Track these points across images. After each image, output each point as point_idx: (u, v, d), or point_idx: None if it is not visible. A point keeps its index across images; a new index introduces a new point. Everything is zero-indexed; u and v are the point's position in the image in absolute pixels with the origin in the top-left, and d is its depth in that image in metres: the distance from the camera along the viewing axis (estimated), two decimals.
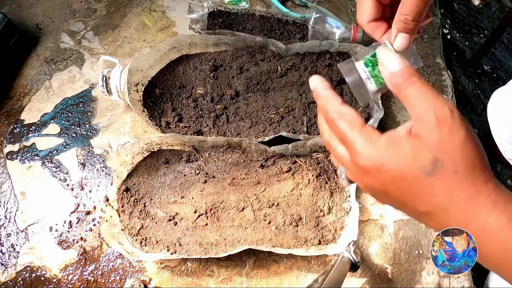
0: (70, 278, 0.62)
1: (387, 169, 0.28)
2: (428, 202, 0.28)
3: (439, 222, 0.29)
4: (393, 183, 0.29)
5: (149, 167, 0.67)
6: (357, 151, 0.29)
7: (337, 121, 0.31)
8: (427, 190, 0.28)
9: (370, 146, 0.29)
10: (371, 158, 0.29)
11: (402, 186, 0.28)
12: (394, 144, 0.28)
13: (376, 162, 0.29)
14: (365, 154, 0.29)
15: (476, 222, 0.27)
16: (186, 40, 0.73)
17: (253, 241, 0.62)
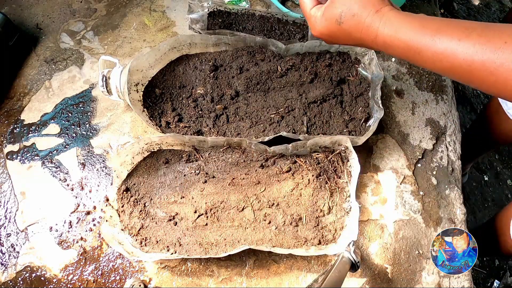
0: (70, 278, 0.62)
1: (322, 28, 0.50)
2: (349, 40, 0.49)
3: (363, 43, 0.48)
4: (330, 34, 0.50)
5: (149, 167, 0.67)
6: (308, 23, 0.53)
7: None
8: (344, 33, 0.48)
9: (312, 21, 0.52)
10: (313, 28, 0.52)
11: (334, 34, 0.50)
12: (324, 13, 0.49)
13: (317, 29, 0.51)
14: (311, 27, 0.53)
15: (378, 37, 0.45)
16: (186, 40, 0.73)
17: (253, 241, 0.62)
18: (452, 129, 0.76)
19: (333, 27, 0.48)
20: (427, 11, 0.91)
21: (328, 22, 0.48)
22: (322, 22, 0.49)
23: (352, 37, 0.48)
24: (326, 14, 0.48)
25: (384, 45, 0.45)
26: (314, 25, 0.51)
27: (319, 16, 0.50)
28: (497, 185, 1.49)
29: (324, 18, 0.49)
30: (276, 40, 0.74)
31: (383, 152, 0.73)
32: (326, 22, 0.49)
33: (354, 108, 0.72)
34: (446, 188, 0.70)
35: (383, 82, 0.77)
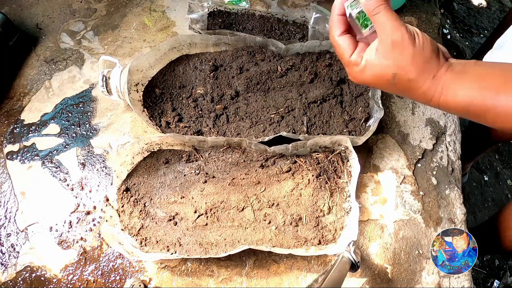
0: (70, 278, 0.62)
1: (366, 80, 0.44)
2: (399, 93, 0.46)
3: (416, 100, 0.45)
4: (376, 86, 0.44)
5: (149, 167, 0.67)
6: (347, 70, 0.45)
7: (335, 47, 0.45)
8: (394, 90, 0.43)
9: (354, 69, 0.44)
10: (355, 77, 0.45)
11: (380, 87, 0.44)
12: (369, 66, 0.42)
13: (359, 79, 0.44)
14: (350, 74, 0.45)
15: (434, 101, 0.41)
16: (186, 40, 0.73)
17: (253, 241, 0.62)
18: (452, 129, 0.76)
19: (383, 84, 0.43)
20: (427, 11, 0.91)
21: (376, 78, 0.42)
22: (367, 75, 0.43)
23: (404, 95, 0.44)
24: (375, 69, 0.42)
25: (440, 107, 0.42)
26: (356, 74, 0.44)
27: (363, 67, 0.43)
28: (497, 185, 1.49)
29: (371, 72, 0.42)
30: (276, 40, 0.74)
31: (383, 152, 0.73)
32: (372, 78, 0.43)
33: (354, 108, 0.72)
34: (446, 188, 0.70)
35: None
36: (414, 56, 0.39)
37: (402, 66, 0.40)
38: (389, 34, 0.39)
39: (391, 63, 0.40)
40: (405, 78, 0.40)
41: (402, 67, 0.40)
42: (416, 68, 0.40)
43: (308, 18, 0.80)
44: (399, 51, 0.39)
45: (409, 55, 0.39)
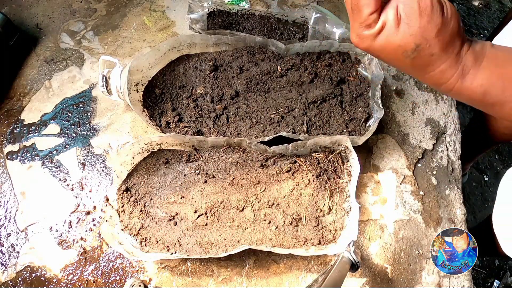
0: (70, 278, 0.62)
1: (376, 49, 0.36)
2: (409, 71, 0.37)
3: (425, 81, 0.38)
4: (385, 57, 0.37)
5: (149, 167, 0.67)
6: (354, 32, 0.36)
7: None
8: (409, 66, 0.36)
9: (363, 32, 0.36)
10: (361, 41, 0.36)
11: (391, 61, 0.37)
12: (387, 31, 0.35)
13: (366, 45, 0.36)
14: (358, 37, 0.36)
15: (449, 85, 0.36)
16: (186, 40, 0.73)
17: (253, 241, 0.62)
18: (452, 129, 0.76)
19: (396, 55, 0.36)
20: None
21: (391, 46, 0.35)
22: (380, 42, 0.35)
23: (416, 72, 0.38)
24: (392, 37, 0.35)
25: (453, 92, 0.38)
26: (365, 38, 0.36)
27: (377, 30, 0.35)
28: (497, 185, 1.48)
29: (385, 38, 0.35)
30: (276, 40, 0.74)
31: (383, 152, 0.73)
32: (386, 45, 0.35)
33: (354, 108, 0.72)
34: (446, 188, 0.70)
35: (383, 82, 0.77)
36: (442, 28, 0.34)
37: (427, 37, 0.34)
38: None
39: (415, 30, 0.34)
40: (427, 52, 0.35)
41: (427, 38, 0.34)
42: (442, 42, 0.34)
43: (308, 18, 0.80)
44: (427, 19, 0.33)
45: (437, 25, 0.34)
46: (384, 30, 0.35)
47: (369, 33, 0.35)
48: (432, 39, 0.34)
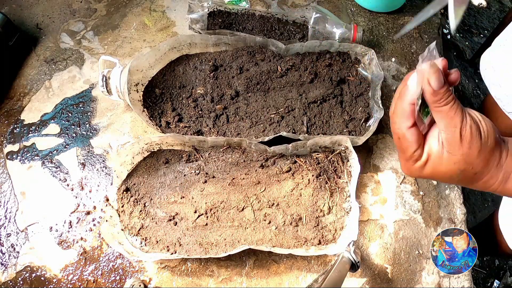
0: (70, 278, 0.62)
1: (427, 176, 0.39)
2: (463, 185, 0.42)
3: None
4: (437, 180, 0.42)
5: (149, 167, 0.67)
6: (404, 164, 0.40)
7: (396, 140, 0.40)
8: (456, 183, 0.42)
9: (413, 166, 0.39)
10: (412, 172, 0.40)
11: (442, 181, 0.42)
12: (432, 161, 0.38)
13: (416, 174, 0.40)
14: (407, 169, 0.40)
15: (495, 187, 0.38)
16: (186, 40, 0.73)
17: (253, 241, 0.62)
18: None
19: (445, 178, 0.39)
20: None
21: (439, 173, 0.38)
22: (428, 170, 0.39)
23: (463, 184, 0.40)
24: (438, 165, 0.38)
25: (498, 192, 0.40)
26: (415, 169, 0.39)
27: (424, 161, 0.39)
28: None
29: (433, 167, 0.38)
30: (276, 40, 0.74)
31: (383, 152, 0.73)
32: (434, 173, 0.39)
33: (354, 108, 0.72)
34: (446, 188, 0.70)
35: (383, 82, 0.77)
36: (481, 149, 0.36)
37: (470, 161, 0.36)
38: (457, 127, 0.35)
39: (458, 158, 0.36)
40: (471, 172, 0.37)
41: (470, 162, 0.36)
42: (483, 161, 0.37)
43: (308, 18, 0.80)
44: (468, 145, 0.36)
45: (477, 148, 0.36)
46: (429, 161, 0.38)
47: (417, 166, 0.39)
48: (474, 161, 0.36)
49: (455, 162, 0.36)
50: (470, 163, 0.36)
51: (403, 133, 0.38)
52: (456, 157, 0.36)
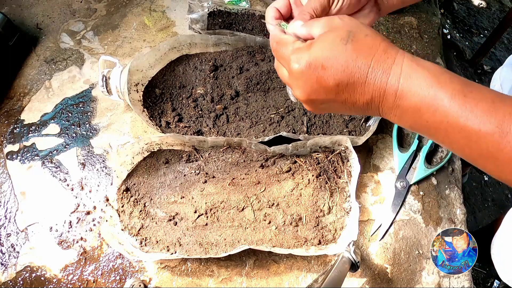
0: (70, 278, 0.62)
1: (316, 58, 0.35)
2: (356, 67, 0.34)
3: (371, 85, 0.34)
4: (326, 69, 0.34)
5: (149, 167, 0.67)
6: (289, 59, 0.36)
7: (276, 46, 0.39)
8: (352, 56, 0.34)
9: (298, 51, 0.36)
10: (300, 58, 0.36)
11: (332, 64, 0.34)
12: (316, 41, 0.36)
13: (306, 59, 0.35)
14: (295, 58, 0.36)
15: (396, 65, 0.34)
16: (186, 40, 0.73)
17: (253, 241, 0.62)
18: None
19: (337, 49, 0.34)
20: (427, 11, 0.91)
21: (328, 47, 0.35)
22: (316, 52, 0.35)
23: (353, 82, 0.35)
24: (324, 40, 0.36)
25: (396, 110, 0.35)
26: (295, 64, 0.36)
27: (306, 46, 0.36)
28: (497, 185, 1.49)
29: (321, 44, 0.35)
30: None
31: (383, 152, 0.73)
32: (324, 50, 0.35)
33: None
34: (446, 188, 0.70)
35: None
36: (361, 24, 0.36)
37: (352, 25, 0.36)
38: (328, 18, 0.37)
39: (340, 25, 0.36)
40: (362, 34, 0.35)
41: (353, 25, 0.36)
42: (368, 28, 0.36)
43: None
44: (345, 19, 0.37)
45: (356, 22, 0.36)
46: (314, 43, 0.36)
47: (302, 49, 0.37)
48: (358, 26, 0.36)
49: (340, 26, 0.36)
50: (352, 25, 0.36)
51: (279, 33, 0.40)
52: (338, 26, 0.36)
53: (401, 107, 0.33)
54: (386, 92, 0.33)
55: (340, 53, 0.34)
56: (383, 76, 0.33)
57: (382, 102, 0.34)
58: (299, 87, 0.37)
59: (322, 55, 0.34)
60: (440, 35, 0.88)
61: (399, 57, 0.34)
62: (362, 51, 0.34)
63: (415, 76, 0.33)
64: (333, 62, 0.34)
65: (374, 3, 0.46)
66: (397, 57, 0.34)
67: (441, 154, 0.74)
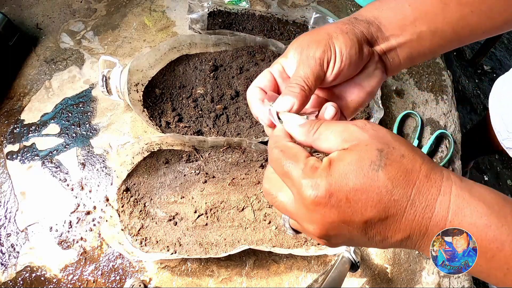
0: (70, 278, 0.62)
1: (339, 187, 0.26)
2: (392, 201, 0.26)
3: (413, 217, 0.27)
4: (351, 202, 0.26)
5: (149, 167, 0.67)
6: (300, 184, 0.27)
7: (277, 157, 0.29)
8: (386, 186, 0.26)
9: (313, 173, 0.27)
10: (317, 185, 0.26)
11: (360, 197, 0.26)
12: (338, 163, 0.27)
13: (325, 187, 0.26)
14: (309, 183, 0.27)
15: (443, 195, 0.27)
16: (186, 40, 0.73)
17: (253, 241, 0.62)
18: (452, 129, 0.76)
19: (367, 178, 0.26)
20: None
21: (354, 174, 0.26)
22: (338, 179, 0.26)
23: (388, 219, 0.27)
24: (348, 164, 0.27)
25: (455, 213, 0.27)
26: (311, 190, 0.26)
27: (326, 167, 0.27)
28: (497, 185, 1.49)
29: (344, 167, 0.26)
30: (276, 40, 0.74)
31: None
32: (349, 177, 0.26)
33: None
34: None
35: (383, 82, 0.77)
36: (393, 134, 0.29)
37: (386, 141, 0.27)
38: (349, 125, 0.29)
39: (369, 142, 0.27)
40: (396, 154, 0.27)
41: (386, 142, 0.27)
42: (405, 144, 0.28)
43: (308, 18, 0.80)
44: (374, 127, 0.29)
45: (387, 132, 0.29)
46: (333, 161, 0.28)
47: (320, 170, 0.28)
48: (392, 141, 0.28)
49: (370, 145, 0.27)
50: (385, 142, 0.27)
51: (284, 143, 0.30)
52: (365, 143, 0.27)
53: None
54: (429, 230, 0.27)
55: (370, 184, 0.26)
56: (425, 210, 0.26)
57: (422, 240, 0.27)
58: (312, 222, 0.28)
59: (347, 185, 0.26)
60: None
61: (445, 184, 0.27)
62: (399, 180, 0.26)
63: (468, 212, 0.26)
64: (361, 195, 0.26)
65: (379, 59, 0.37)
66: (443, 185, 0.27)
67: (441, 154, 0.74)
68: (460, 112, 1.61)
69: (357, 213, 0.26)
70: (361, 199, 0.26)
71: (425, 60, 0.43)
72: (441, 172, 0.27)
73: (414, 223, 0.26)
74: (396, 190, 0.26)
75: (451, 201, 0.26)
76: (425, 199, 0.26)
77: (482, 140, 1.01)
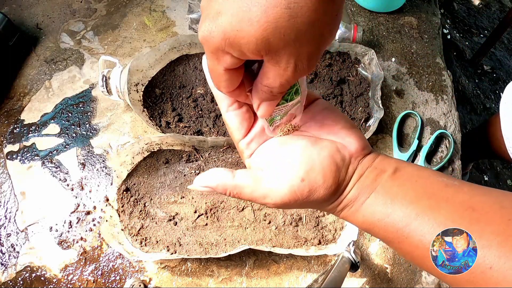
0: (70, 278, 0.62)
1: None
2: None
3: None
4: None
5: (149, 167, 0.67)
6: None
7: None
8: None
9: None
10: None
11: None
12: None
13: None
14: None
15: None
16: (186, 40, 0.73)
17: (253, 241, 0.62)
18: (452, 129, 0.76)
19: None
20: (427, 11, 0.91)
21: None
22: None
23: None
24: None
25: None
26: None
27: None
28: (497, 185, 1.49)
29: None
30: None
31: (383, 152, 0.73)
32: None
33: (354, 108, 0.72)
34: None
35: (383, 82, 0.77)
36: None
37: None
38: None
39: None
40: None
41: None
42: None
43: None
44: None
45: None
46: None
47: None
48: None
49: None
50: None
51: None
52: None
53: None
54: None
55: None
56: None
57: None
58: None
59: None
60: (440, 35, 0.88)
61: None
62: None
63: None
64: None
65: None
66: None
67: (441, 154, 0.74)
68: (460, 112, 1.62)
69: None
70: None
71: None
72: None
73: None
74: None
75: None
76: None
77: (482, 143, 1.01)
